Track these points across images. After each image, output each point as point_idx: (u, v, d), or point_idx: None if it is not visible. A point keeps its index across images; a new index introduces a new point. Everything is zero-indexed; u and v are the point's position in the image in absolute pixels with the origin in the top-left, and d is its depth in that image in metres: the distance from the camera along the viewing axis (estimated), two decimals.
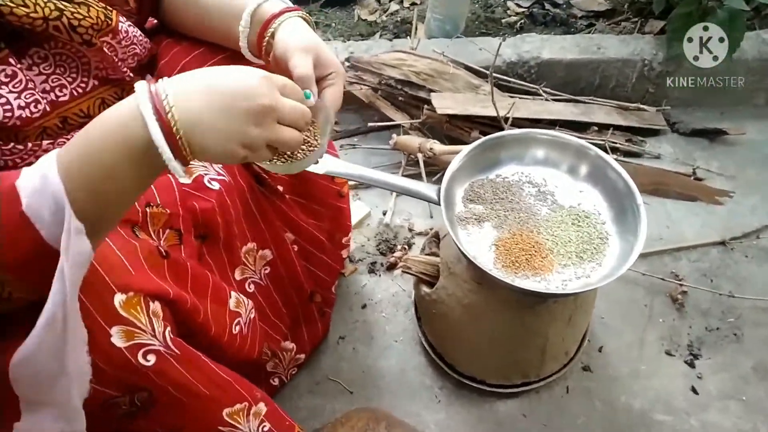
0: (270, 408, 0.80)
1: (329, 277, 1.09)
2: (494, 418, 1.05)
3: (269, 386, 1.04)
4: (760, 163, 1.47)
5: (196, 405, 0.69)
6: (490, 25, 1.73)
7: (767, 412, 1.06)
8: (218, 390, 0.72)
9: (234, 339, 0.79)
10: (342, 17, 1.81)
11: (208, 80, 0.54)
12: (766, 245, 1.30)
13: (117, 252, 0.62)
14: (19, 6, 0.60)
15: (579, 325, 1.03)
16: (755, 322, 1.18)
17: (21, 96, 0.63)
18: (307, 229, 1.01)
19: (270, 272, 0.93)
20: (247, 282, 0.89)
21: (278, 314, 0.97)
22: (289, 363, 1.05)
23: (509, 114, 1.39)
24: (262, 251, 0.91)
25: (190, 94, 0.52)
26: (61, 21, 0.63)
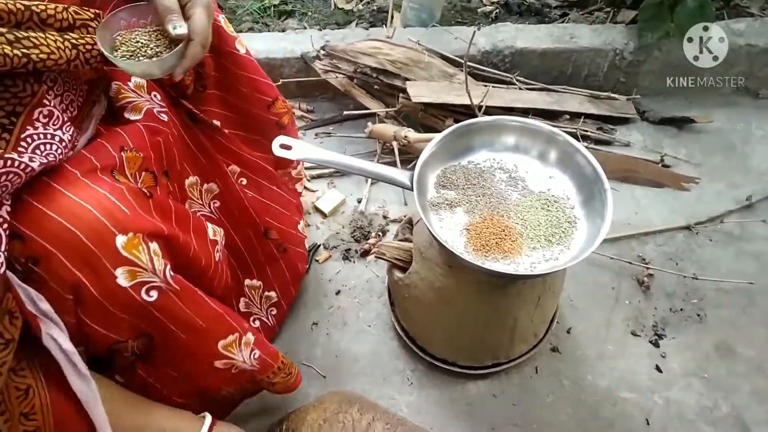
0: (257, 337, 0.85)
1: (288, 211, 1.11)
2: (465, 399, 1.08)
3: (252, 330, 1.06)
4: (725, 151, 1.51)
5: (194, 340, 0.74)
6: (466, 14, 1.74)
7: (728, 388, 1.10)
8: (213, 322, 0.76)
9: (218, 267, 0.83)
10: (318, 6, 1.80)
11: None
12: (730, 229, 1.34)
13: (109, 196, 0.64)
14: (50, 56, 0.63)
15: (548, 307, 1.06)
16: (718, 304, 1.22)
17: (64, 130, 0.67)
18: (251, 160, 1.03)
19: (220, 206, 0.96)
20: (197, 215, 0.91)
21: (232, 248, 1.00)
22: (262, 302, 1.08)
23: (483, 102, 1.41)
24: (207, 185, 0.94)
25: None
26: (79, 59, 0.67)
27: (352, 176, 1.41)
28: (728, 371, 1.12)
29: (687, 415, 1.07)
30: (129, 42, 0.71)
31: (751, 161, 1.49)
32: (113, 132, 0.75)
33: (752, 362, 1.14)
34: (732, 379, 1.11)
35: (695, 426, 1.05)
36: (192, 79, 0.93)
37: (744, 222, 1.35)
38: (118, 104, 0.80)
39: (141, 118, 0.79)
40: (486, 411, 1.06)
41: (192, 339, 0.74)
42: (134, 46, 0.71)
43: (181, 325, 0.71)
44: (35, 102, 0.64)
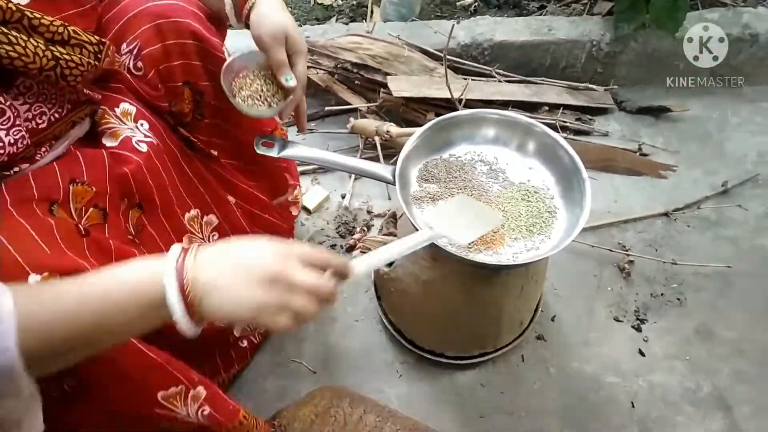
0: (210, 392, 0.79)
1: (277, 237, 1.10)
2: (454, 389, 1.09)
3: (239, 349, 1.06)
4: (701, 138, 1.54)
5: (128, 389, 0.68)
6: (445, 8, 1.75)
7: (709, 370, 1.13)
8: (150, 373, 0.70)
9: None
10: (297, 1, 1.80)
11: (227, 252, 0.57)
12: (707, 215, 1.37)
13: (31, 231, 0.62)
14: (21, 56, 0.63)
15: (531, 296, 1.08)
16: (697, 287, 1.24)
17: (9, 133, 0.65)
18: (246, 191, 1.03)
19: (218, 238, 0.95)
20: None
21: None
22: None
23: (463, 96, 1.42)
24: (207, 217, 0.93)
25: (208, 264, 0.55)
26: (54, 71, 0.67)
27: (336, 172, 1.42)
28: (709, 353, 1.15)
29: (670, 397, 1.09)
30: (246, 86, 0.85)
31: (726, 148, 1.52)
32: (73, 158, 0.73)
33: (732, 343, 1.17)
34: (713, 361, 1.14)
35: (678, 407, 1.08)
36: (191, 108, 0.92)
37: (720, 207, 1.39)
38: (99, 128, 0.79)
39: (115, 146, 0.78)
40: (475, 400, 1.08)
41: (126, 388, 0.68)
42: (252, 91, 0.85)
43: (110, 375, 0.65)
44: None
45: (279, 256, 0.57)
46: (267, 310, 0.55)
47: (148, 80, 0.85)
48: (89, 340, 0.53)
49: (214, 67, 0.89)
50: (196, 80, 0.90)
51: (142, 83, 0.85)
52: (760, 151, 1.52)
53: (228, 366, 1.05)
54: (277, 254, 0.57)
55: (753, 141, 1.54)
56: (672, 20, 1.49)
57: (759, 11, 1.63)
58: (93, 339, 0.53)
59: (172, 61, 0.86)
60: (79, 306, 0.52)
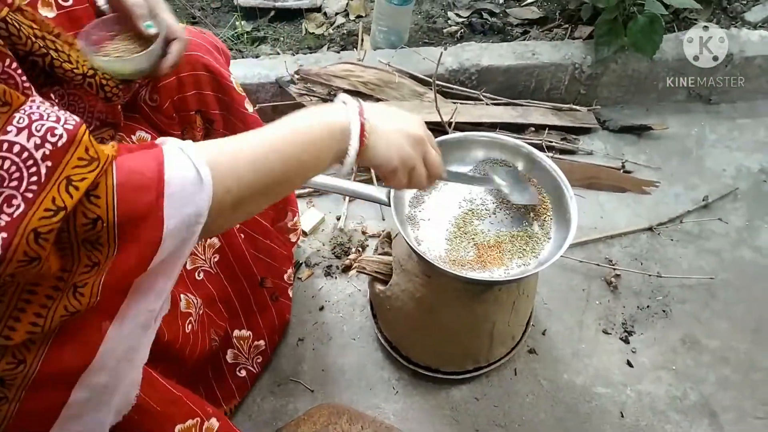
0: (222, 423, 0.82)
1: (278, 263, 1.14)
2: (449, 403, 1.12)
3: (238, 379, 1.08)
4: (682, 155, 1.60)
5: (148, 422, 0.70)
6: (432, 35, 1.82)
7: (695, 378, 1.17)
8: (170, 406, 0.73)
9: (188, 338, 0.83)
10: (290, 31, 1.86)
11: (390, 112, 0.71)
12: (689, 229, 1.42)
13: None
14: (65, 62, 0.69)
15: (523, 311, 1.11)
16: (681, 299, 1.29)
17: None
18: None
19: (219, 260, 0.98)
20: (197, 271, 0.93)
21: (227, 301, 1.02)
22: (250, 351, 1.09)
23: (452, 119, 1.48)
24: (210, 239, 0.96)
25: (378, 114, 0.67)
26: (94, 79, 0.73)
27: (331, 195, 1.46)
28: (695, 362, 1.19)
29: (658, 405, 1.13)
30: (113, 51, 0.79)
31: (706, 163, 1.58)
32: None
33: (716, 352, 1.21)
34: (698, 370, 1.18)
35: (666, 415, 1.12)
36: (202, 135, 0.97)
37: (702, 221, 1.44)
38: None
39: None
40: (469, 414, 1.11)
41: (146, 421, 0.70)
42: (120, 53, 0.78)
43: (134, 407, 0.67)
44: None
45: (423, 127, 0.72)
46: (406, 166, 0.69)
47: (164, 110, 0.90)
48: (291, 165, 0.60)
49: (224, 96, 0.94)
50: (208, 108, 0.95)
51: (157, 113, 0.90)
52: (738, 166, 1.58)
53: (228, 398, 1.07)
54: (422, 125, 0.72)
55: (731, 156, 1.60)
56: (650, 43, 1.55)
57: (732, 32, 1.71)
58: (295, 163, 0.60)
59: (185, 92, 0.91)
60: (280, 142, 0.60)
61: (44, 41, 0.66)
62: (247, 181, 0.56)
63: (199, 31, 0.96)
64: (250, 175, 0.56)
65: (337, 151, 0.63)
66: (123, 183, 0.48)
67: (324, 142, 0.62)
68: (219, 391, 1.05)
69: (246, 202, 0.57)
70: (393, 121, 0.69)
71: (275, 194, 0.63)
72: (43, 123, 0.46)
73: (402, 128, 0.69)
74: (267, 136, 0.59)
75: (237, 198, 0.55)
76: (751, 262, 1.37)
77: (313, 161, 0.62)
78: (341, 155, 0.64)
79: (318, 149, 0.62)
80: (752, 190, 1.52)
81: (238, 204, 0.56)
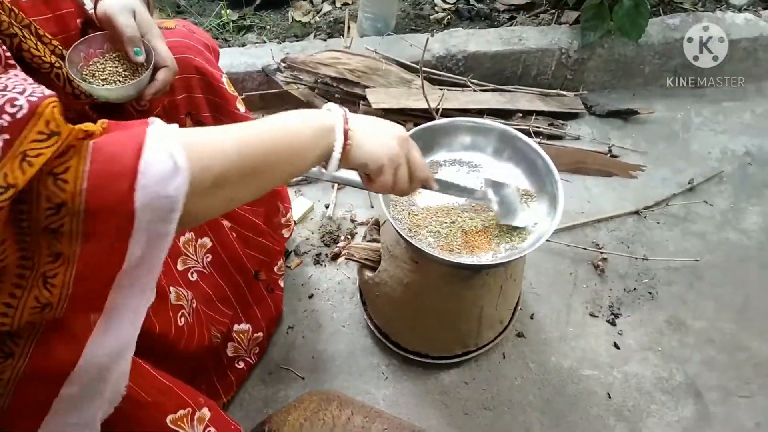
0: (214, 413, 0.82)
1: (269, 258, 1.14)
2: (439, 388, 1.13)
3: (237, 371, 1.08)
4: (668, 138, 1.61)
5: (139, 413, 0.70)
6: (419, 21, 1.81)
7: (681, 359, 1.19)
8: (161, 396, 0.73)
9: (181, 331, 0.83)
10: (276, 19, 1.84)
11: (370, 118, 0.72)
12: (675, 212, 1.44)
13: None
14: (33, 48, 0.69)
15: (511, 295, 1.12)
16: (667, 281, 1.30)
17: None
18: (242, 215, 1.06)
19: (212, 259, 0.98)
20: (190, 271, 0.93)
21: (224, 299, 1.02)
22: (249, 344, 1.10)
23: (440, 105, 1.48)
24: (201, 240, 0.96)
25: (363, 118, 0.70)
26: (61, 71, 0.73)
27: (319, 183, 1.46)
28: (680, 343, 1.21)
29: (644, 386, 1.14)
30: (99, 71, 0.79)
31: (691, 146, 1.59)
32: None
33: (702, 333, 1.22)
34: (684, 350, 1.20)
35: (652, 396, 1.13)
36: None
37: (688, 204, 1.45)
38: None
39: None
40: (459, 398, 1.12)
41: (136, 412, 0.70)
42: (106, 75, 0.79)
43: (124, 398, 0.67)
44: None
45: (405, 131, 0.74)
46: (393, 163, 0.70)
47: (153, 115, 0.88)
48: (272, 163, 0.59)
49: (214, 97, 0.94)
50: (198, 111, 0.94)
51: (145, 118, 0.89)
52: (723, 149, 1.59)
53: (227, 389, 1.08)
54: (403, 129, 0.73)
55: (716, 139, 1.61)
56: (635, 27, 1.56)
57: (717, 15, 1.71)
58: (273, 159, 0.59)
59: (176, 95, 0.90)
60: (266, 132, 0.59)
61: (14, 22, 0.66)
62: (229, 161, 0.54)
63: (189, 31, 0.94)
64: (234, 156, 0.55)
65: (322, 148, 0.64)
66: (96, 171, 0.45)
67: (308, 138, 0.62)
68: (219, 383, 1.06)
69: (227, 185, 0.55)
70: (377, 124, 0.71)
71: (257, 185, 0.61)
72: (5, 94, 0.44)
73: (386, 128, 0.71)
74: (254, 126, 0.59)
75: (218, 178, 0.53)
76: (736, 243, 1.38)
77: (297, 155, 0.62)
78: (327, 153, 0.64)
79: (302, 144, 0.62)
80: (737, 173, 1.53)
81: (219, 185, 0.54)
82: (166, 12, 1.82)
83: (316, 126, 0.63)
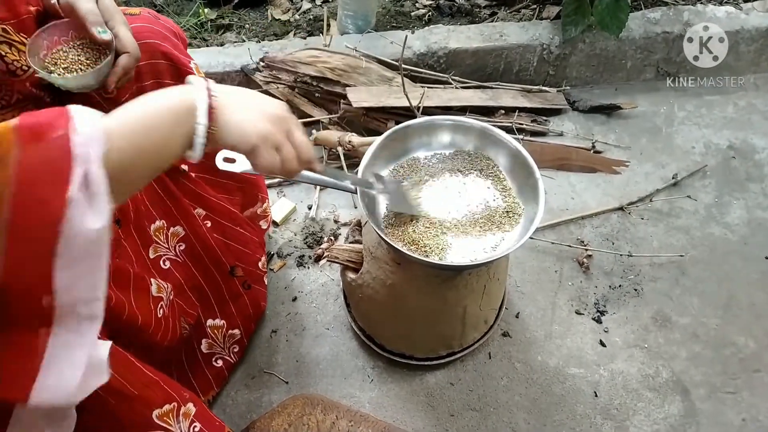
0: (199, 408, 0.81)
1: (250, 249, 1.12)
2: (425, 389, 1.12)
3: (214, 369, 1.06)
4: (651, 133, 1.61)
5: (125, 407, 0.69)
6: (400, 18, 1.79)
7: (667, 356, 1.18)
8: (147, 390, 0.72)
9: (160, 323, 0.82)
10: (255, 18, 1.82)
11: (244, 91, 0.66)
12: (659, 207, 1.43)
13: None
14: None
15: (495, 295, 1.11)
16: (652, 277, 1.30)
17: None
18: (217, 203, 1.04)
19: (185, 249, 0.97)
20: (162, 260, 0.92)
21: (195, 288, 1.00)
22: (225, 341, 1.08)
23: (421, 103, 1.46)
24: (173, 228, 0.94)
25: (231, 93, 0.63)
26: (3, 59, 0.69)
27: (302, 184, 1.43)
28: (666, 340, 1.20)
29: (631, 384, 1.14)
30: (61, 60, 0.76)
31: (675, 141, 1.59)
32: None
33: (687, 329, 1.22)
34: (670, 347, 1.19)
35: (639, 393, 1.13)
36: None
37: (671, 199, 1.45)
38: None
39: None
40: (445, 399, 1.11)
41: (123, 406, 0.69)
42: (68, 63, 0.76)
43: (110, 390, 0.66)
44: None
45: (285, 109, 0.67)
46: (267, 142, 0.63)
47: (121, 102, 0.86)
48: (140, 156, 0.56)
49: (183, 83, 0.90)
50: None
51: (112, 105, 0.86)
52: (706, 143, 1.59)
53: (206, 388, 1.06)
54: (283, 107, 0.67)
55: (699, 133, 1.61)
56: (615, 21, 1.55)
57: (698, 8, 1.71)
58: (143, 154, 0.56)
59: (144, 81, 0.88)
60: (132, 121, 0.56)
61: None
62: (119, 158, 0.52)
63: (154, 17, 0.92)
64: (120, 153, 0.53)
65: (185, 133, 0.59)
66: (20, 192, 0.45)
67: (167, 126, 0.58)
68: (195, 380, 1.04)
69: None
70: (247, 99, 0.65)
71: (130, 183, 0.59)
72: None
73: (258, 105, 0.65)
74: (126, 118, 0.56)
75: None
76: (721, 238, 1.38)
77: (161, 147, 0.58)
78: (191, 138, 0.59)
79: (163, 135, 0.57)
80: (721, 167, 1.53)
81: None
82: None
83: (176, 109, 0.58)
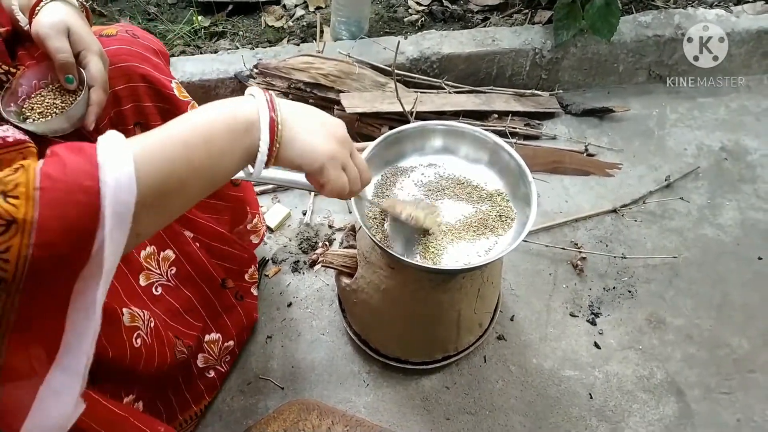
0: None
1: (236, 266, 1.11)
2: (420, 394, 1.12)
3: (206, 380, 1.06)
4: (643, 135, 1.62)
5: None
6: (393, 24, 1.80)
7: (661, 357, 1.18)
8: (113, 428, 0.70)
9: (139, 352, 0.79)
10: (249, 25, 1.82)
11: (308, 108, 0.64)
12: (652, 209, 1.44)
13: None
14: None
15: (489, 298, 1.11)
16: (646, 279, 1.30)
17: None
18: (205, 225, 1.03)
19: (176, 272, 0.96)
20: (154, 286, 0.91)
21: (192, 310, 0.99)
22: (220, 353, 1.07)
23: (414, 108, 1.46)
24: (164, 252, 0.93)
25: (293, 109, 0.61)
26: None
27: (296, 190, 1.44)
28: (660, 341, 1.21)
29: (626, 385, 1.14)
30: (37, 105, 0.75)
31: (667, 143, 1.60)
32: None
33: (681, 330, 1.22)
34: (664, 348, 1.20)
35: (634, 395, 1.13)
36: None
37: (664, 201, 1.46)
38: None
39: None
40: (440, 403, 1.11)
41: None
42: (43, 108, 0.75)
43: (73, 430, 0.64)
44: None
45: (345, 128, 0.66)
46: (334, 162, 0.62)
47: (101, 128, 0.84)
48: (197, 170, 0.54)
49: (164, 105, 0.90)
50: (148, 120, 0.90)
51: (94, 134, 0.86)
52: (699, 145, 1.60)
53: (198, 398, 1.05)
54: (344, 126, 0.66)
55: (692, 135, 1.62)
56: (607, 25, 1.56)
57: (689, 12, 1.73)
58: (200, 169, 0.54)
59: (123, 105, 0.87)
60: (191, 134, 0.54)
61: None
62: (157, 181, 0.51)
63: (132, 36, 0.89)
64: (159, 176, 0.51)
65: (246, 148, 0.57)
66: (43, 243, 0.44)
67: (225, 138, 0.55)
68: (188, 393, 1.03)
69: (156, 206, 0.52)
70: (311, 116, 0.63)
71: (187, 196, 0.56)
72: None
73: (324, 124, 0.63)
74: (168, 134, 0.54)
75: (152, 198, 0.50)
76: (714, 239, 1.39)
77: (217, 161, 0.55)
78: (252, 153, 0.57)
79: (220, 148, 0.55)
80: (713, 168, 1.54)
81: (153, 206, 0.51)
82: (136, 20, 1.79)
83: (234, 122, 0.55)
